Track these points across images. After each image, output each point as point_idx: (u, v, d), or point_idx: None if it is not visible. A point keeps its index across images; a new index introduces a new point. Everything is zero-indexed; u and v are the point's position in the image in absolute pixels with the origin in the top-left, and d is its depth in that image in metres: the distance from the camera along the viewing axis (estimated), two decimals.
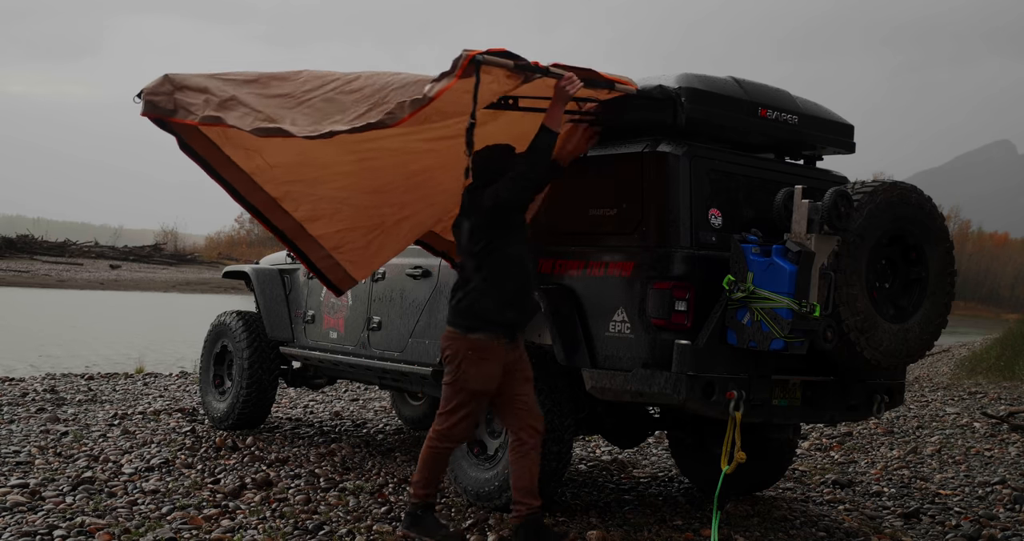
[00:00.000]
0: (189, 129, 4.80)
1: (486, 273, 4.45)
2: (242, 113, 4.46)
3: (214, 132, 4.85)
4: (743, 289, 4.53)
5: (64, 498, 5.09)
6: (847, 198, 4.62)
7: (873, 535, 5.27)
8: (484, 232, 4.46)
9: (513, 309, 4.49)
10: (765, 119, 5.12)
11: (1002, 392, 12.50)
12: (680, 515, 5.41)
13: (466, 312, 4.47)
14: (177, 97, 4.62)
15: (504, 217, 4.47)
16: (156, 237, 64.52)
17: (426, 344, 5.94)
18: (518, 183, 4.41)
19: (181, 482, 5.56)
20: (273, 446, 6.81)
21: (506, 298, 4.46)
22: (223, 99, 4.54)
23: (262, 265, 7.76)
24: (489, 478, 5.11)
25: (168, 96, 4.63)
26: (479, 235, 4.46)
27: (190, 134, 4.86)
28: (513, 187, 4.41)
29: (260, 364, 7.22)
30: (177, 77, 4.73)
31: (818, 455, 7.76)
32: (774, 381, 4.81)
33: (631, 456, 7.27)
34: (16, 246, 47.20)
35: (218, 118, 4.48)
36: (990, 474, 7.12)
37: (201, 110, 4.55)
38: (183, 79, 4.71)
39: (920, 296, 5.04)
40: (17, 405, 8.28)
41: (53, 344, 16.66)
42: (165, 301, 33.87)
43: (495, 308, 4.44)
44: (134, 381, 10.87)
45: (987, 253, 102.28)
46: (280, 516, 4.91)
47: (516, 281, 4.50)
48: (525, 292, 4.55)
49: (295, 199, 5.22)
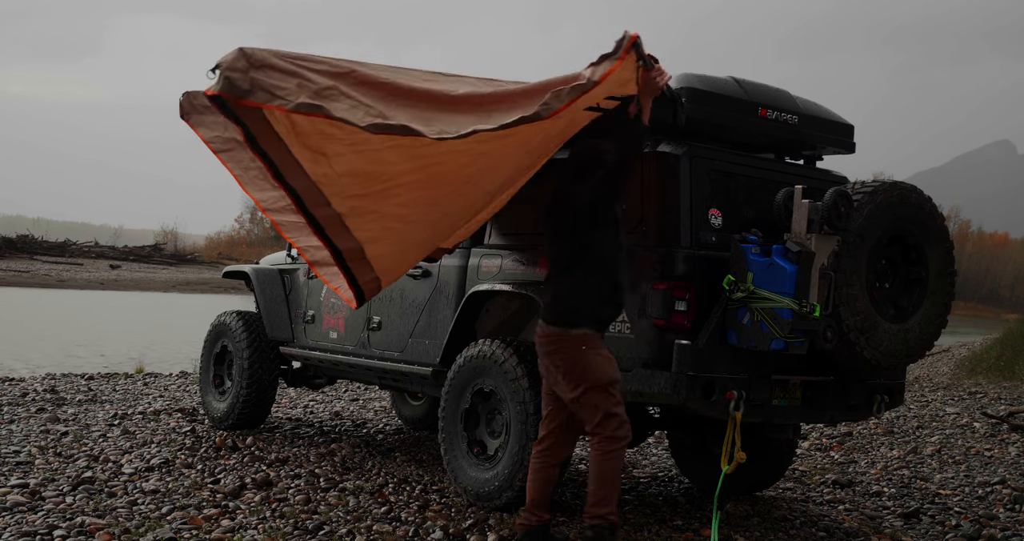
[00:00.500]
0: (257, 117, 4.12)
1: (585, 269, 4.35)
2: (349, 105, 3.91)
3: (284, 127, 4.19)
4: (743, 289, 4.53)
5: (64, 498, 5.08)
6: (847, 198, 4.62)
7: (873, 535, 5.27)
8: (583, 227, 4.35)
9: (610, 306, 4.40)
10: (765, 119, 5.12)
11: (1002, 392, 12.50)
12: (680, 515, 5.41)
13: (566, 309, 4.34)
14: (254, 76, 3.95)
15: (603, 212, 4.37)
16: (156, 237, 64.54)
17: (426, 344, 5.94)
18: (615, 177, 4.30)
19: (181, 482, 5.56)
20: (273, 446, 6.81)
21: (605, 295, 4.37)
22: (322, 87, 3.95)
23: (262, 265, 7.76)
24: (489, 478, 5.11)
25: (243, 74, 3.95)
26: (577, 230, 4.35)
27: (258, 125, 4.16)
28: (610, 181, 4.30)
29: (260, 364, 7.22)
30: (256, 54, 4.02)
31: (818, 455, 7.76)
32: (774, 381, 4.81)
33: (631, 456, 7.27)
34: (16, 246, 47.21)
35: (319, 107, 3.89)
36: (990, 474, 7.12)
37: (295, 96, 3.91)
38: (263, 57, 4.02)
39: (920, 296, 5.04)
40: (17, 405, 8.28)
41: (53, 344, 16.66)
42: (165, 301, 33.87)
43: (595, 304, 4.34)
44: (134, 381, 10.87)
45: (987, 253, 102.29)
46: (280, 516, 4.91)
47: (613, 277, 4.40)
48: (619, 288, 4.45)
49: (360, 216, 4.59)
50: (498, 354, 5.11)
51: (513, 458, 4.98)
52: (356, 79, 4.04)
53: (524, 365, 4.99)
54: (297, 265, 7.40)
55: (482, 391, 5.25)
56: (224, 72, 3.94)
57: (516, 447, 4.97)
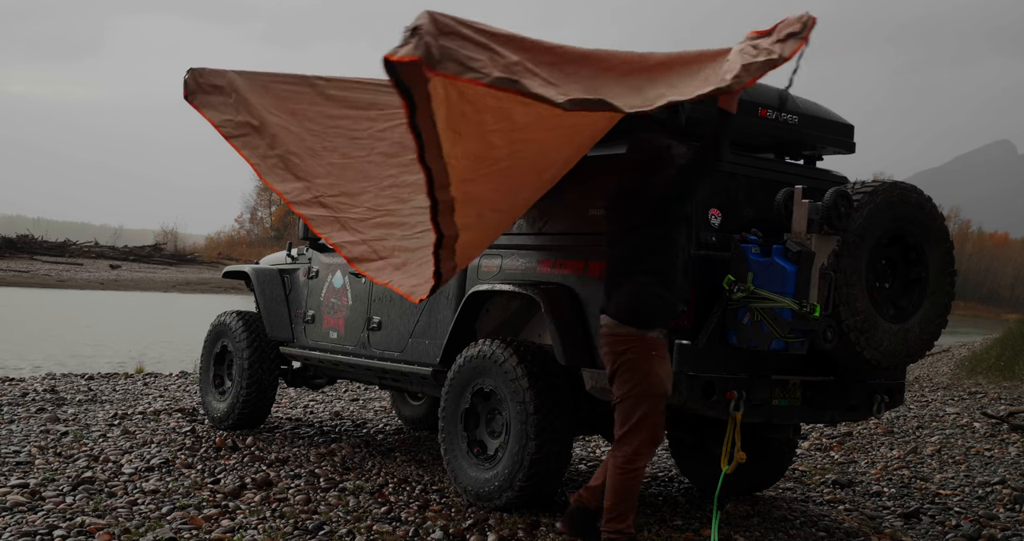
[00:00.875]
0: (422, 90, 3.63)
1: (658, 265, 4.28)
2: (541, 82, 3.68)
3: (442, 102, 3.71)
4: (743, 289, 4.52)
5: (64, 498, 5.08)
6: (847, 198, 4.62)
7: (873, 535, 5.27)
8: (658, 222, 4.29)
9: (679, 303, 4.36)
10: (765, 119, 5.12)
11: (1002, 392, 12.50)
12: (680, 515, 5.41)
13: (642, 308, 4.25)
14: (443, 44, 3.52)
15: (678, 207, 4.33)
16: (156, 237, 64.53)
17: (426, 344, 5.94)
18: (698, 171, 4.27)
19: (181, 482, 5.56)
20: (273, 446, 6.81)
21: (676, 292, 4.34)
22: (511, 61, 3.63)
23: (262, 265, 7.77)
24: (489, 478, 5.11)
25: (435, 40, 3.51)
26: (652, 222, 4.29)
27: (421, 98, 3.66)
28: (693, 175, 4.27)
29: (260, 364, 7.22)
30: (441, 19, 3.55)
31: (818, 455, 7.75)
32: (774, 381, 4.81)
33: None
34: (16, 246, 47.20)
35: (515, 82, 3.55)
36: (990, 474, 7.12)
37: (490, 69, 3.54)
38: (450, 24, 3.57)
39: (920, 296, 5.04)
40: (17, 405, 8.28)
41: (53, 344, 16.66)
42: (165, 301, 33.86)
43: (670, 302, 4.29)
44: (134, 381, 10.87)
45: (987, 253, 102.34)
46: (280, 516, 4.91)
47: (680, 274, 4.37)
48: (684, 286, 4.44)
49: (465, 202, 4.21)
50: (498, 354, 5.11)
51: (513, 458, 4.98)
52: (537, 53, 3.80)
53: (524, 365, 4.99)
54: (297, 265, 7.40)
55: (482, 391, 5.25)
56: (424, 37, 3.49)
57: (516, 447, 4.97)
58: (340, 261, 6.84)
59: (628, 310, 4.28)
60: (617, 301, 4.33)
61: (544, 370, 5.00)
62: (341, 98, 4.75)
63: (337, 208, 4.61)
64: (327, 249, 7.05)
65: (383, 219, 4.70)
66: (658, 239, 4.30)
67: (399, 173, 4.81)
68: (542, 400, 4.93)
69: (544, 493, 5.10)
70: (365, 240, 4.58)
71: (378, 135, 4.75)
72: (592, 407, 5.28)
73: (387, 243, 4.64)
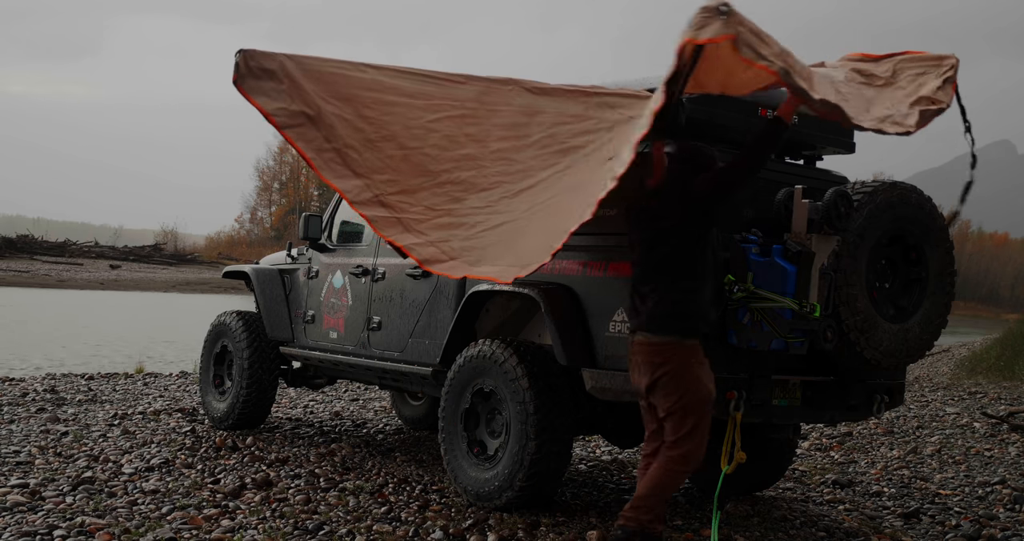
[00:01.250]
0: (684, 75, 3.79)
1: (699, 270, 4.22)
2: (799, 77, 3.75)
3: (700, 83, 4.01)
4: (743, 289, 4.52)
5: (64, 498, 5.08)
6: (847, 198, 4.62)
7: (873, 535, 5.27)
8: (696, 225, 4.23)
9: (715, 309, 4.29)
10: (765, 119, 5.11)
11: (1002, 392, 12.50)
12: (680, 515, 5.41)
13: (682, 315, 4.17)
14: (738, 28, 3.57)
15: (716, 210, 4.27)
16: (156, 237, 64.49)
17: (426, 344, 5.94)
18: (740, 173, 4.21)
19: (181, 482, 5.56)
20: (273, 446, 6.81)
21: (712, 297, 4.28)
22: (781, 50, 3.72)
23: (262, 265, 7.76)
24: (489, 478, 5.11)
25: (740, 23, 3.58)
26: (692, 224, 4.23)
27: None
28: (734, 179, 4.21)
29: (260, 364, 7.22)
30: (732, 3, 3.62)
31: (818, 455, 7.75)
32: (774, 381, 4.81)
33: (631, 456, 7.26)
34: (16, 246, 47.19)
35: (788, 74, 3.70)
36: (990, 474, 7.12)
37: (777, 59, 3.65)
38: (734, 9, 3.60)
39: (920, 296, 5.03)
40: (17, 405, 8.28)
41: (53, 344, 16.66)
42: (165, 301, 33.86)
43: (708, 309, 4.23)
44: (134, 381, 10.87)
45: (987, 253, 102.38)
46: (280, 516, 4.91)
47: (716, 279, 4.31)
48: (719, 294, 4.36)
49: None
50: (498, 354, 5.11)
51: (513, 458, 4.98)
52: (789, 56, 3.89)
53: (524, 365, 4.99)
54: (297, 265, 7.40)
55: (482, 391, 5.25)
56: (733, 16, 3.50)
57: (516, 447, 4.97)
58: (340, 261, 6.85)
59: (667, 318, 4.19)
60: (651, 312, 4.22)
61: (544, 370, 5.00)
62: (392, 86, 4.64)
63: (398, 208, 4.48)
64: (327, 249, 7.05)
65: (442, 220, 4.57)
66: (694, 242, 4.22)
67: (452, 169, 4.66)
68: (542, 400, 4.93)
69: (544, 493, 5.10)
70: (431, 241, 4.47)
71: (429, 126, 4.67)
72: (592, 407, 5.29)
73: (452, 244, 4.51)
